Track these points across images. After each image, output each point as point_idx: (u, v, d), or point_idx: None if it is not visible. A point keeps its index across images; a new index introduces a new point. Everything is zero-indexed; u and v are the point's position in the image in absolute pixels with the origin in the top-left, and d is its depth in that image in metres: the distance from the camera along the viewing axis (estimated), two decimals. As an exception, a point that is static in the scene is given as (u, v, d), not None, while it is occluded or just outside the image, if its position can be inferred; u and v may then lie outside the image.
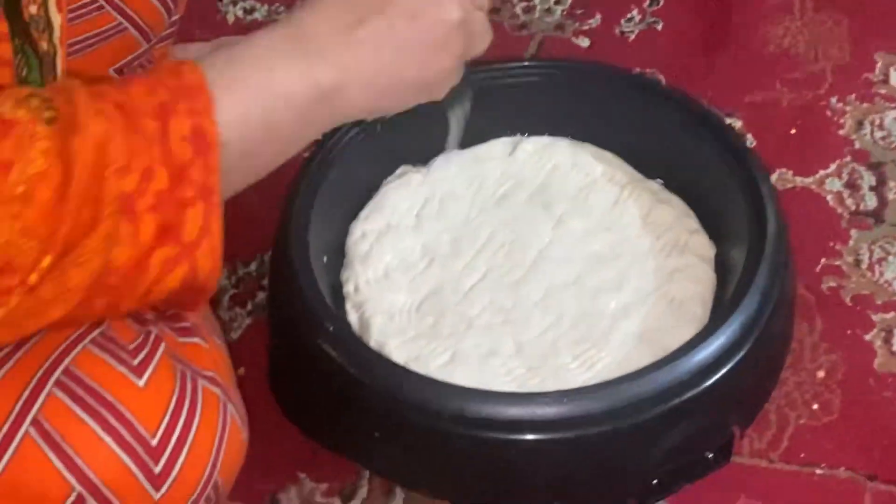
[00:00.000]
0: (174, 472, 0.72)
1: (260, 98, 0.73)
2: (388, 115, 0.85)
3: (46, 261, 0.64)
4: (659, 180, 1.11)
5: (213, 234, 0.70)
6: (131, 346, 0.74)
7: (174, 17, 1.14)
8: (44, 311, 0.67)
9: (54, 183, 0.63)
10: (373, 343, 0.99)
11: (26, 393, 0.70)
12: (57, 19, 0.73)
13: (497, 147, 1.14)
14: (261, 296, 1.15)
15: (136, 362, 0.73)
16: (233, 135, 0.71)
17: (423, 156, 1.12)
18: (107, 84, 0.70)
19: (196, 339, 0.80)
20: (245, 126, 0.72)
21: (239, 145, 0.72)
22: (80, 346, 0.72)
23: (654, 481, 0.94)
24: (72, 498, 0.70)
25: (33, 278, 0.64)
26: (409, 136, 1.04)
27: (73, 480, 0.69)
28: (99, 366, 0.72)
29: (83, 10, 1.04)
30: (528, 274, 1.04)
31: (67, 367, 0.71)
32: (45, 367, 0.71)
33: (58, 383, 0.70)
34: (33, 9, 0.71)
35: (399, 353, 0.98)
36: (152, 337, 0.75)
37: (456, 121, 1.02)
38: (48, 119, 0.65)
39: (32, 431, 0.69)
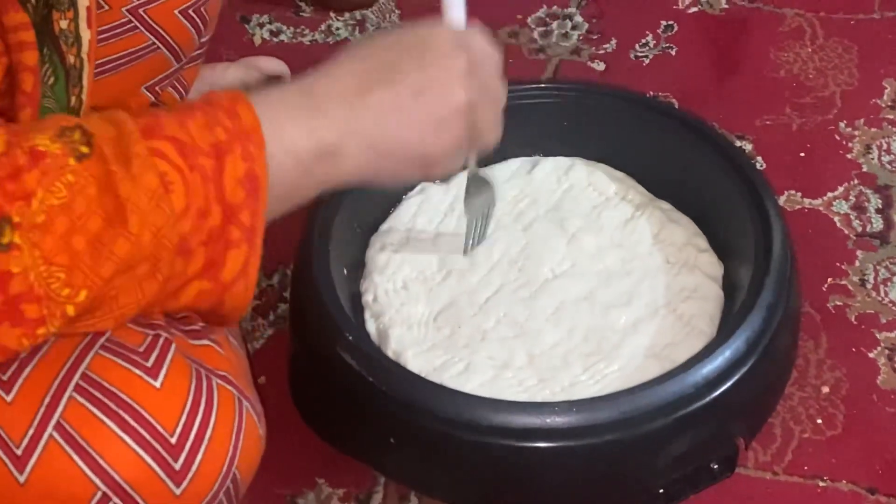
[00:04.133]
0: (194, 468, 0.74)
1: (270, 149, 0.74)
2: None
3: (82, 295, 0.67)
4: (669, 201, 1.13)
5: (249, 277, 0.73)
6: (140, 349, 0.76)
7: (204, 38, 1.17)
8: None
9: (75, 214, 0.66)
10: (390, 352, 1.02)
11: (48, 398, 0.72)
12: (86, 34, 0.75)
13: (516, 166, 1.16)
14: (282, 307, 1.18)
15: (149, 364, 0.75)
16: None
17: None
18: (161, 114, 0.72)
19: (207, 342, 0.82)
20: None
21: None
22: (92, 352, 0.74)
23: (660, 490, 0.96)
24: (97, 497, 0.72)
25: (70, 310, 0.67)
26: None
27: (97, 480, 0.72)
28: (114, 369, 0.74)
29: (117, 30, 1.06)
30: (541, 288, 1.06)
31: (84, 372, 0.73)
32: (64, 374, 0.73)
33: (77, 388, 0.73)
34: (64, 24, 0.74)
35: (416, 362, 1.01)
36: (161, 339, 0.77)
37: (473, 220, 1.03)
38: (80, 155, 0.67)
39: (56, 435, 0.72)
